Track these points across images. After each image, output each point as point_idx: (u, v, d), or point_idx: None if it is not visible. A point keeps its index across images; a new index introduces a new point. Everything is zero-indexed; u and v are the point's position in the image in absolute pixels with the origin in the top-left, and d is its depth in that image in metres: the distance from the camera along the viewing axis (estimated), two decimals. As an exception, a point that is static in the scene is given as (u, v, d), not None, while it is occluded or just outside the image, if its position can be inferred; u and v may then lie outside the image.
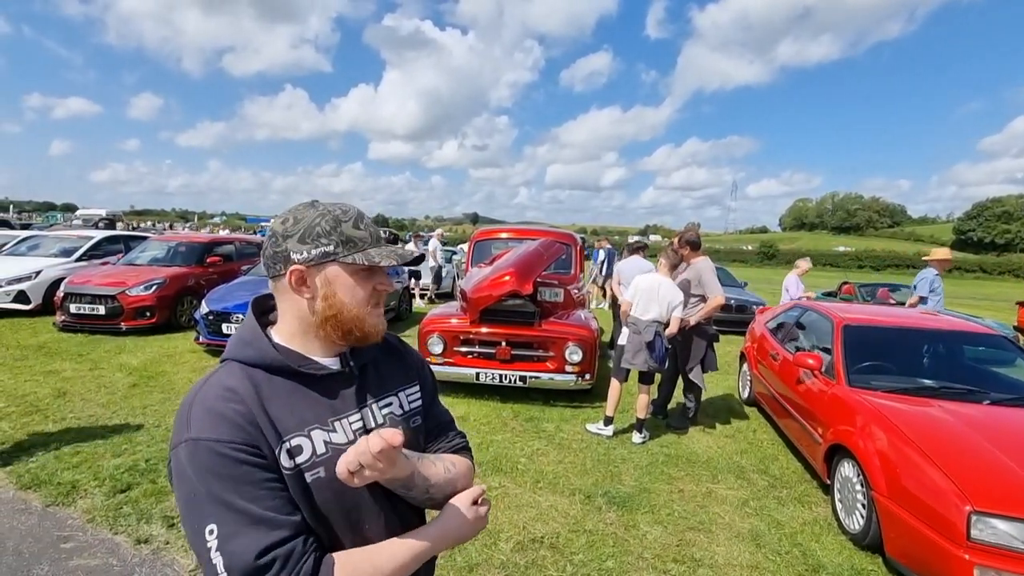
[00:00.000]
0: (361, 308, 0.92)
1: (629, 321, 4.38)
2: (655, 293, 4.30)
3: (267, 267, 0.90)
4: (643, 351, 4.26)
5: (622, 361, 4.41)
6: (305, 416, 0.87)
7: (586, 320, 5.68)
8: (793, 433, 4.17)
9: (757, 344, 5.56)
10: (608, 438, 4.45)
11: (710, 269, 4.72)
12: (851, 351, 3.78)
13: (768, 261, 52.16)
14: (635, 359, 4.29)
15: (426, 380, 1.15)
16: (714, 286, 4.60)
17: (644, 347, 4.25)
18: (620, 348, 4.52)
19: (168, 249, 8.90)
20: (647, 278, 4.46)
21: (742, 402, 5.77)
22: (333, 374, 0.92)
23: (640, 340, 4.27)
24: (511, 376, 5.16)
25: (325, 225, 0.88)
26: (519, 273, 5.22)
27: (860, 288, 10.72)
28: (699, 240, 4.91)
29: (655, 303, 4.29)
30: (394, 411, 1.00)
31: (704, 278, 4.67)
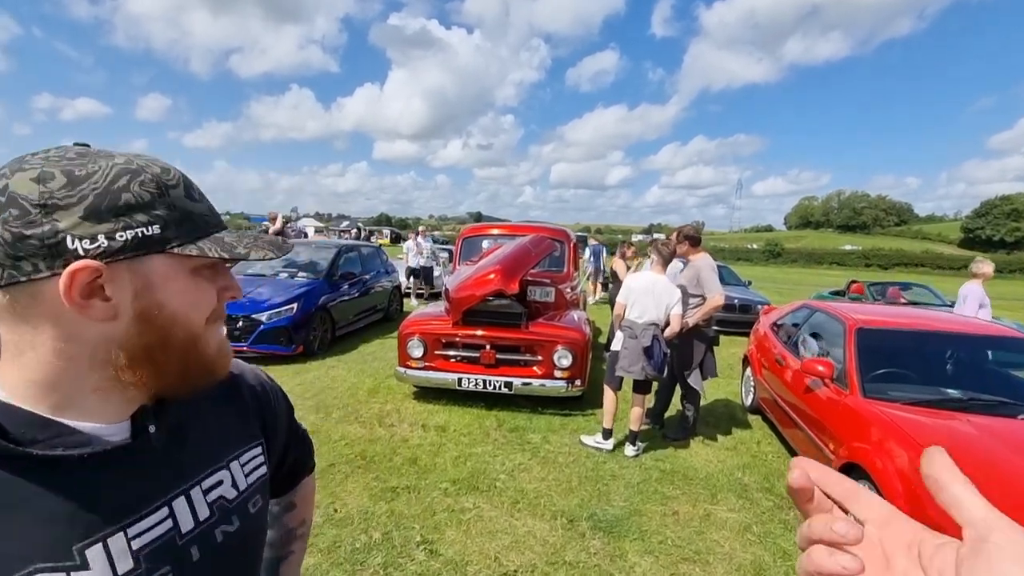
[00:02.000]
0: (202, 327, 0.57)
1: (624, 325, 4.01)
2: (651, 293, 3.93)
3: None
4: (641, 358, 3.88)
5: (617, 369, 4.02)
6: (28, 548, 0.47)
7: (578, 322, 5.32)
8: (800, 446, 3.79)
9: (761, 347, 5.18)
10: (608, 452, 4.07)
11: (710, 267, 4.33)
12: (865, 357, 3.40)
13: (774, 259, 51.57)
14: (632, 367, 3.90)
15: (277, 416, 0.80)
16: (713, 285, 4.22)
17: (642, 353, 3.87)
18: (614, 354, 4.13)
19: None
20: (641, 277, 4.09)
21: (745, 409, 5.39)
22: (113, 452, 0.53)
23: (637, 346, 3.89)
24: (496, 382, 4.81)
25: (140, 190, 0.51)
26: (505, 271, 4.86)
27: (870, 287, 10.30)
28: (699, 235, 4.53)
29: (651, 304, 3.91)
30: (225, 496, 0.63)
31: (703, 276, 4.29)
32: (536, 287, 5.72)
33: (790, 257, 52.48)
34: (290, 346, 6.23)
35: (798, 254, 53.28)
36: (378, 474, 3.60)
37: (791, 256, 52.79)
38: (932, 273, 43.77)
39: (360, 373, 5.98)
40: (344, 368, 6.16)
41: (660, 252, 4.12)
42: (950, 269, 46.50)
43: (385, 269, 9.20)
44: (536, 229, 6.61)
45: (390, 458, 3.86)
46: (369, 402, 5.07)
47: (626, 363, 3.94)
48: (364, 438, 4.20)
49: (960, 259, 50.11)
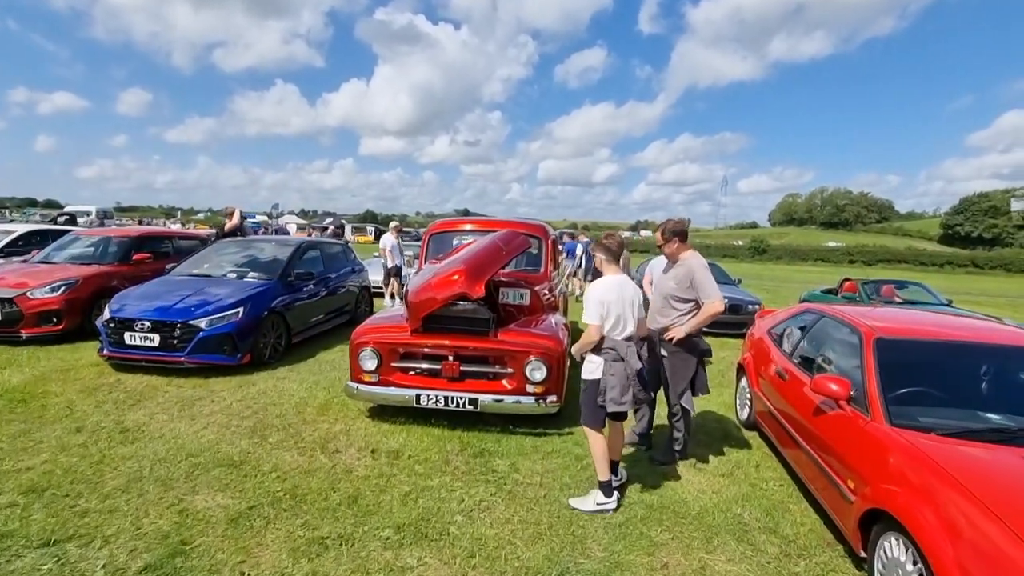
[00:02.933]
0: None
1: (605, 347, 3.18)
2: (625, 301, 3.24)
3: None
4: (633, 384, 3.16)
5: (608, 403, 3.13)
6: None
7: (555, 328, 4.73)
8: (808, 474, 3.25)
9: (759, 356, 4.64)
10: (613, 511, 3.21)
11: (704, 267, 3.74)
12: (888, 374, 2.86)
13: (759, 256, 51.60)
14: (623, 398, 3.10)
15: None
16: (710, 288, 3.63)
17: (634, 378, 3.18)
18: (593, 385, 3.21)
19: (89, 245, 7.82)
20: (606, 284, 3.23)
21: (740, 425, 4.85)
22: None
23: (626, 370, 3.13)
24: (460, 398, 4.20)
25: None
26: (470, 271, 4.26)
27: (863, 285, 9.87)
28: (687, 230, 3.97)
29: (630, 314, 3.25)
30: None
31: (698, 278, 3.68)
32: (508, 289, 5.13)
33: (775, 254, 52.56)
34: (235, 355, 5.55)
35: (783, 251, 53.39)
36: (308, 519, 2.97)
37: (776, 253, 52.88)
38: (915, 269, 44.02)
39: (313, 386, 5.33)
40: (296, 380, 5.50)
41: (609, 248, 3.32)
42: (933, 265, 46.86)
43: (352, 268, 8.53)
44: (510, 224, 6.02)
45: (326, 496, 3.23)
46: (316, 422, 4.43)
47: (616, 393, 3.10)
48: (300, 469, 3.57)
49: (942, 256, 50.60)
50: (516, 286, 5.20)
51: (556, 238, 6.69)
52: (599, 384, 3.18)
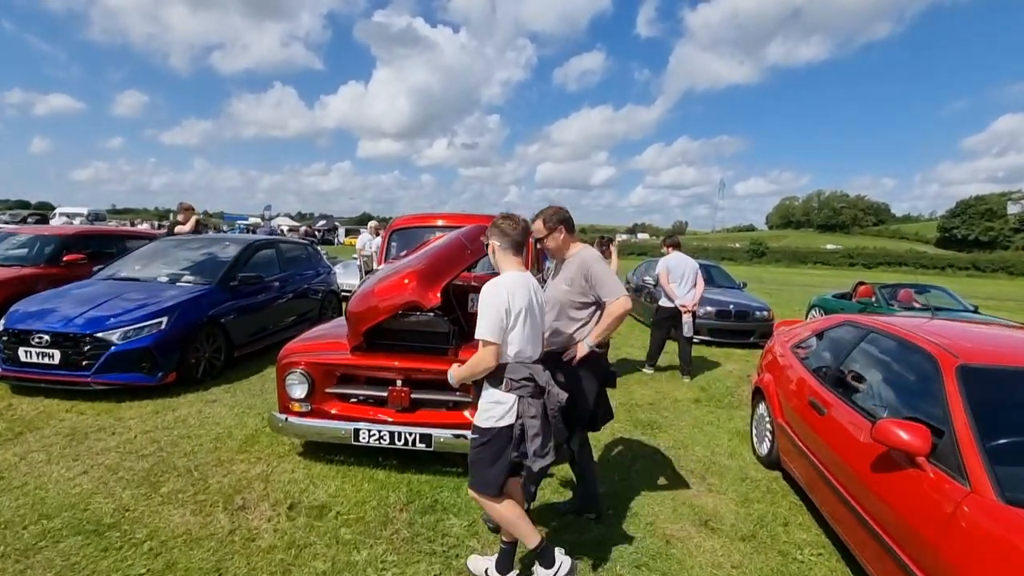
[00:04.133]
0: None
1: (516, 377, 2.20)
2: (535, 307, 2.32)
3: None
4: (557, 427, 2.28)
5: (530, 459, 2.17)
6: None
7: None
8: (867, 557, 2.38)
9: (782, 378, 3.79)
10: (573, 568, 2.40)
11: (599, 259, 2.80)
12: (989, 422, 2.01)
13: (759, 259, 50.91)
14: (548, 447, 2.20)
15: None
16: (611, 283, 2.69)
17: (559, 419, 2.28)
18: (500, 434, 2.22)
19: (16, 245, 6.93)
20: (510, 284, 2.23)
21: (759, 461, 3.99)
22: None
23: (547, 407, 2.22)
24: (409, 434, 3.33)
25: None
26: (423, 275, 3.39)
27: (880, 290, 9.05)
28: (570, 217, 2.89)
29: (538, 326, 2.36)
30: None
31: (594, 271, 2.71)
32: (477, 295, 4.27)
33: (774, 256, 51.84)
34: (154, 374, 4.67)
35: (782, 253, 52.64)
36: (166, 624, 2.10)
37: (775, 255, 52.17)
38: (915, 272, 43.32)
39: (245, 412, 4.45)
40: (227, 404, 4.62)
41: (506, 233, 2.34)
42: (934, 268, 46.17)
43: (316, 270, 7.66)
44: (485, 219, 5.16)
45: (207, 582, 2.36)
46: (232, 462, 3.55)
47: (539, 444, 2.15)
48: (186, 536, 2.69)
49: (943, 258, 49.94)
50: (488, 292, 4.34)
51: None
52: (511, 432, 2.20)
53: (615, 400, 5.28)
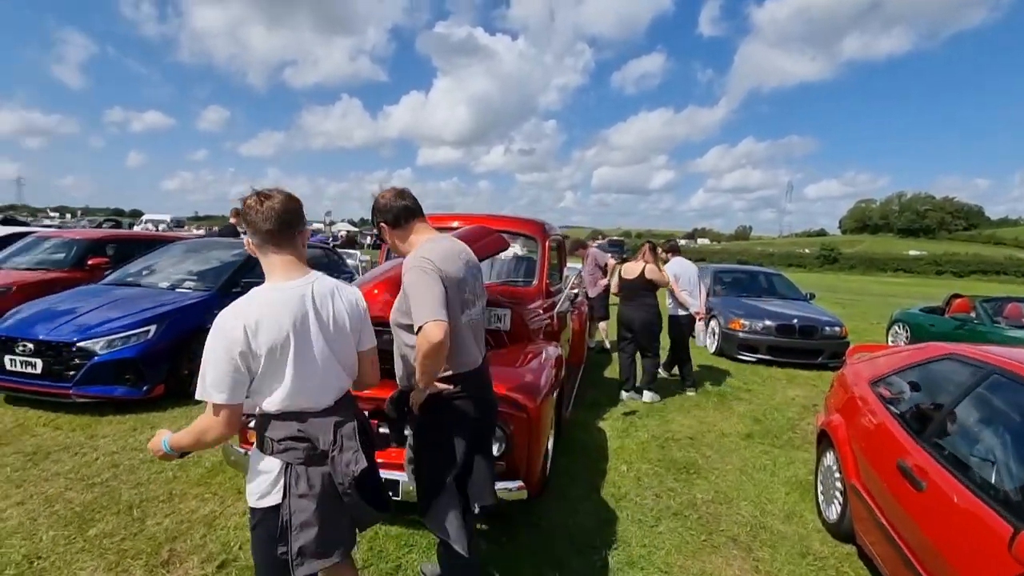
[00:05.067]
0: None
1: (268, 435, 1.53)
2: (310, 332, 1.57)
3: None
4: (356, 509, 1.59)
5: (299, 564, 1.47)
6: None
7: (537, 369, 3.21)
8: None
9: (859, 425, 2.90)
10: None
11: (420, 269, 1.84)
12: None
13: (830, 265, 47.24)
14: (324, 547, 1.50)
15: None
16: (420, 303, 1.79)
17: (355, 499, 1.54)
18: (266, 517, 1.52)
19: (47, 248, 6.99)
20: (254, 305, 1.46)
21: (826, 529, 3.09)
22: None
23: (340, 479, 1.51)
24: (373, 479, 2.74)
25: None
26: (392, 285, 2.82)
27: (981, 304, 7.64)
28: (414, 208, 2.05)
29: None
30: None
31: (406, 283, 1.88)
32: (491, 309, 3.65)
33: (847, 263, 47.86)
34: (139, 387, 4.35)
35: (857, 259, 48.50)
36: None
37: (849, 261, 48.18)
38: (1016, 281, 38.66)
39: (226, 431, 4.03)
40: (210, 421, 4.23)
41: (251, 221, 1.51)
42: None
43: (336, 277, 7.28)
44: (499, 221, 4.53)
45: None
46: (185, 497, 3.10)
47: (310, 539, 1.48)
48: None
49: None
50: (492, 304, 3.70)
51: (560, 241, 5.13)
52: (279, 518, 1.50)
53: (647, 430, 4.53)
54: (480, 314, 2.08)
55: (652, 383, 5.41)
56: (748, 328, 7.35)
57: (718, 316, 7.84)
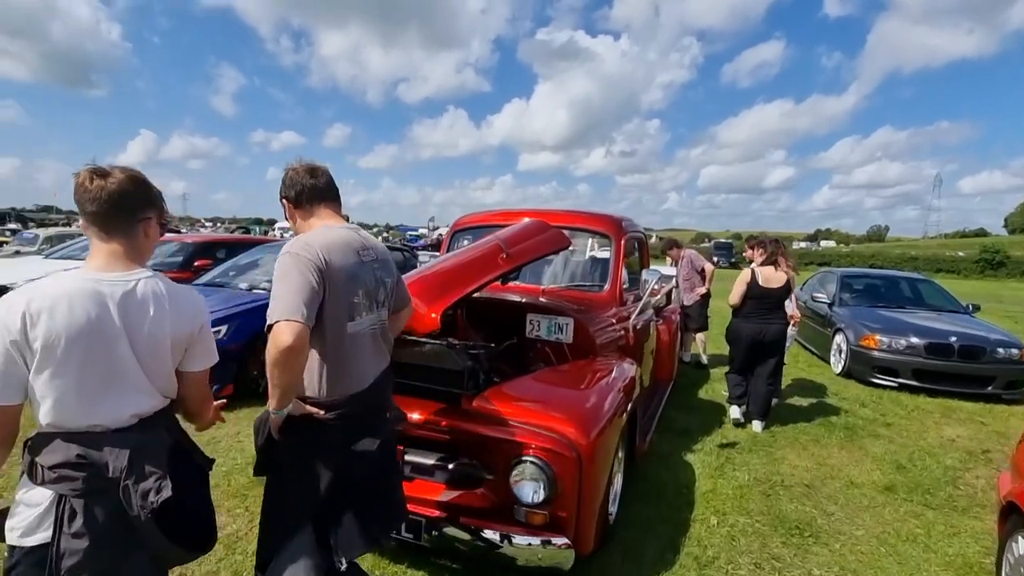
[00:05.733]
0: None
1: (38, 460, 1.21)
2: (106, 332, 1.26)
3: None
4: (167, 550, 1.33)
5: None
6: None
7: (598, 394, 2.63)
8: None
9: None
10: None
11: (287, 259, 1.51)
12: None
13: (993, 271, 39.84)
14: None
15: None
16: (275, 300, 1.46)
17: (153, 532, 1.26)
18: (25, 563, 1.21)
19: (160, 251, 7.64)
20: (38, 294, 1.19)
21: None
22: None
23: (136, 510, 1.22)
24: (394, 516, 2.34)
25: None
26: (424, 289, 2.42)
27: None
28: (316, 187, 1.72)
29: None
30: None
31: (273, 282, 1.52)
32: (539, 317, 3.14)
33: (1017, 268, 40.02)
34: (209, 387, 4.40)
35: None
36: None
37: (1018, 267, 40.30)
38: None
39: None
40: (269, 425, 4.15)
41: (78, 198, 1.28)
42: None
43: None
44: (569, 217, 3.98)
45: None
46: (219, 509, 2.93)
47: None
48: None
49: None
50: (552, 312, 3.18)
51: (642, 239, 4.42)
52: (46, 560, 1.18)
53: (749, 470, 3.67)
54: (379, 324, 1.69)
55: (767, 414, 4.50)
56: (887, 346, 6.02)
57: (845, 330, 6.55)
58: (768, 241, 4.53)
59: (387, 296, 1.73)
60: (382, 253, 1.74)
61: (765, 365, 4.42)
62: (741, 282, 4.37)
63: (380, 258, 1.71)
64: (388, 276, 1.73)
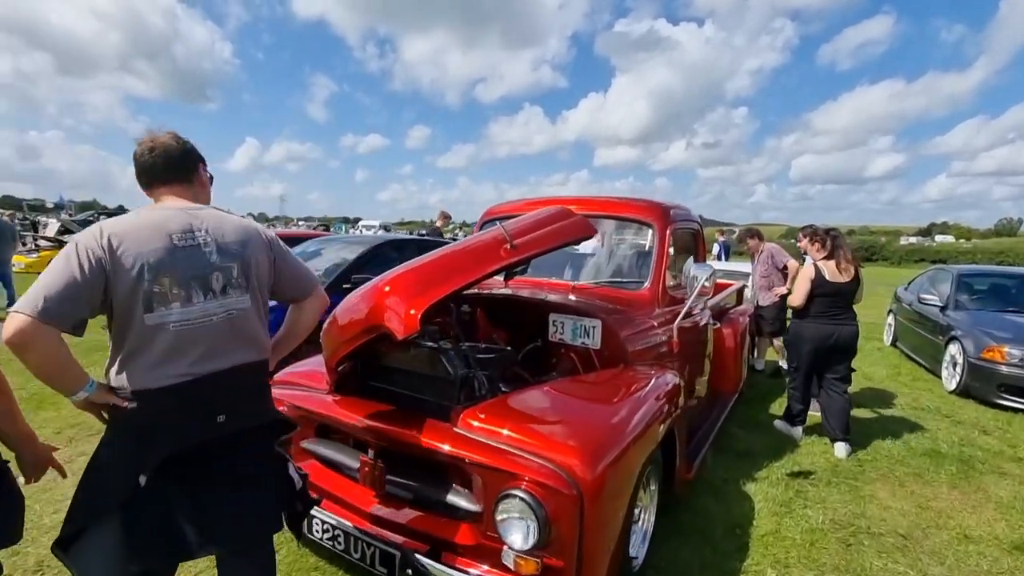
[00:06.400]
0: None
1: None
2: None
3: None
4: None
5: None
6: None
7: (624, 408, 2.18)
8: None
9: None
10: None
11: (71, 245, 1.42)
12: None
13: None
14: None
15: None
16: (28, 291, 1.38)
17: None
18: None
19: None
20: None
21: None
22: None
23: None
24: (367, 545, 2.02)
25: None
26: (403, 285, 2.08)
27: None
28: (146, 164, 1.57)
29: None
30: None
31: None
32: (563, 318, 2.73)
33: None
34: (242, 380, 4.39)
35: None
36: None
37: None
38: None
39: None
40: (295, 423, 4.04)
41: None
42: None
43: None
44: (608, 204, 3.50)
45: None
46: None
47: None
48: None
49: None
50: (578, 312, 2.74)
51: (696, 231, 3.81)
52: None
53: (826, 509, 2.96)
54: (218, 314, 1.48)
55: (849, 430, 3.84)
56: (1018, 360, 4.93)
57: (962, 339, 5.47)
58: (823, 232, 3.98)
59: (231, 282, 1.50)
60: (224, 235, 1.51)
61: (835, 373, 3.88)
62: (804, 279, 3.88)
63: (218, 241, 1.49)
64: (230, 261, 1.50)
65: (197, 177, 1.62)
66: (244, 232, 1.56)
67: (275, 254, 1.65)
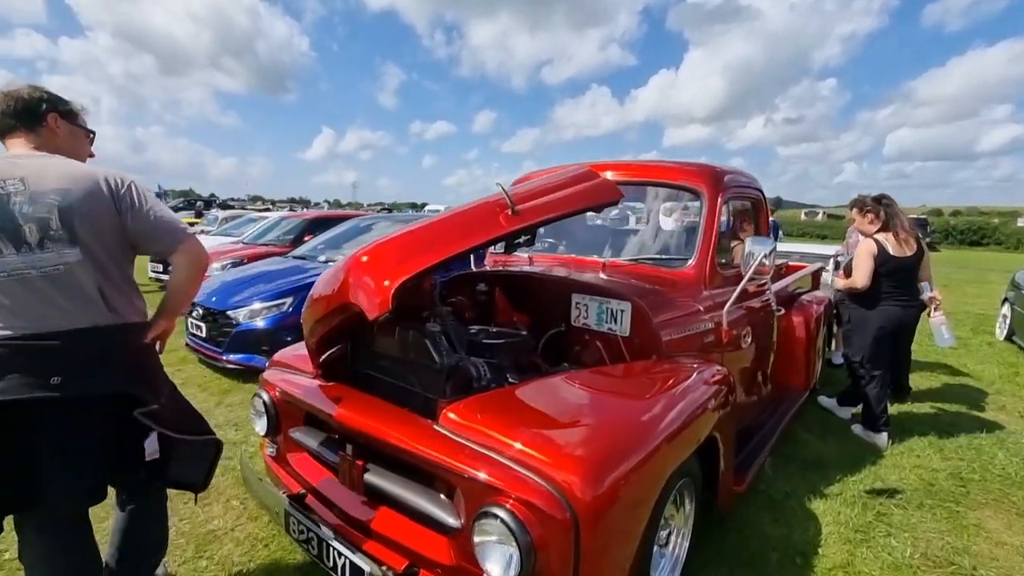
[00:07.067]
0: None
1: None
2: None
3: None
4: None
5: None
6: None
7: (645, 412, 1.77)
8: None
9: None
10: None
11: None
12: None
13: None
14: None
15: None
16: None
17: None
18: None
19: (282, 227, 8.12)
20: None
21: None
22: None
23: None
24: (339, 554, 1.75)
25: None
26: (380, 254, 1.78)
27: None
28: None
29: None
30: None
31: None
32: (587, 299, 2.35)
33: None
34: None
35: None
36: None
37: None
38: None
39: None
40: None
41: None
42: None
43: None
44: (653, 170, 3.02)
45: None
46: (216, 498, 2.67)
47: None
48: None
49: None
50: (605, 292, 2.34)
51: (758, 200, 3.22)
52: None
53: (914, 538, 2.24)
54: (33, 270, 1.38)
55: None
56: None
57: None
58: (872, 200, 3.46)
59: (49, 235, 1.38)
60: (43, 183, 1.40)
61: (898, 360, 3.64)
62: (867, 255, 3.31)
63: (32, 190, 1.38)
64: (44, 212, 1.38)
65: (45, 126, 1.54)
66: (70, 180, 1.43)
67: (122, 204, 1.48)
